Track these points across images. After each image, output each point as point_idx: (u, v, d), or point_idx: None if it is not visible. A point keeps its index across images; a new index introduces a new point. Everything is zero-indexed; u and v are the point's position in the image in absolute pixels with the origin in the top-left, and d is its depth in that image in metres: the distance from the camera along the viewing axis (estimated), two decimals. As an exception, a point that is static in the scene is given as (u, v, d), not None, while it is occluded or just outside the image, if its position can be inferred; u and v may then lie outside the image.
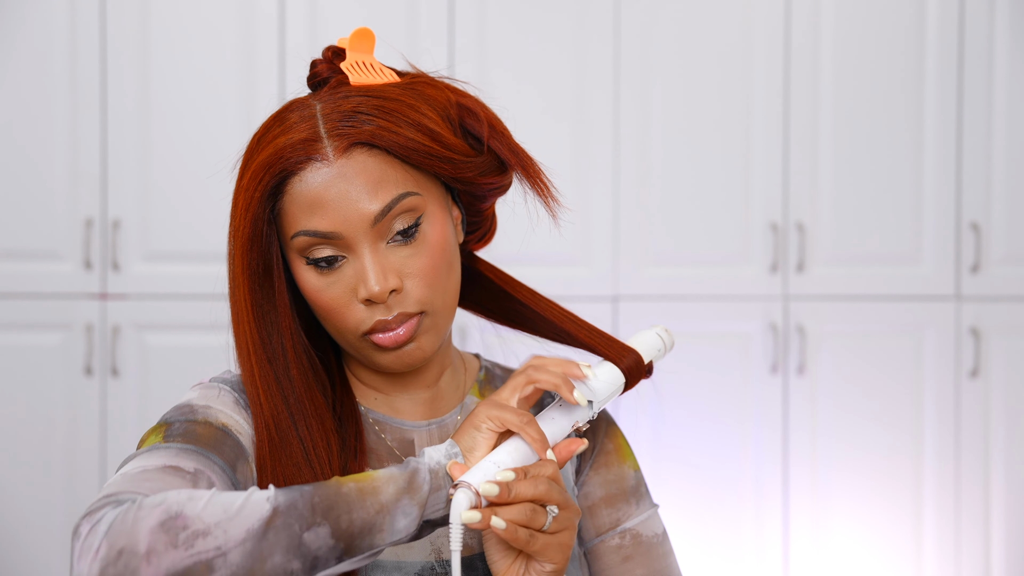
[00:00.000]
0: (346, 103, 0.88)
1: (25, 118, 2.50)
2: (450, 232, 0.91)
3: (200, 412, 0.89)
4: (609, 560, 0.99)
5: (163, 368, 2.51)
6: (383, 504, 0.78)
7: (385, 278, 0.87)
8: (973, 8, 2.61)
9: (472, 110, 0.92)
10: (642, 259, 2.58)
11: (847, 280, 2.61)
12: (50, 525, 2.49)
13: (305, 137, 0.87)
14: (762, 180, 2.60)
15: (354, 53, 0.94)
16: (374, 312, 0.88)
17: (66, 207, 2.50)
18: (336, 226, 0.87)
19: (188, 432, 0.86)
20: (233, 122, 2.52)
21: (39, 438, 2.49)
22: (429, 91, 0.91)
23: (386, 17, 2.54)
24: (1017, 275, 2.64)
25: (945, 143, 2.62)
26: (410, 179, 0.88)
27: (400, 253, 0.88)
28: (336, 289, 0.89)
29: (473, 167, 0.91)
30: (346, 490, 0.78)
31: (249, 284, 0.94)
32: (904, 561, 2.61)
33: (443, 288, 0.90)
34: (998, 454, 2.63)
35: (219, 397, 0.92)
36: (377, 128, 0.86)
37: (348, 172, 0.86)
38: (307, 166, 0.87)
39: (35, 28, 2.49)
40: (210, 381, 0.95)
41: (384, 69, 0.93)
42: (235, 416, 0.91)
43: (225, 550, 0.73)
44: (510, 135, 0.96)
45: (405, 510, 0.79)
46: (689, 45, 2.60)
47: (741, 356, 2.59)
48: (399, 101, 0.88)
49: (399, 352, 0.90)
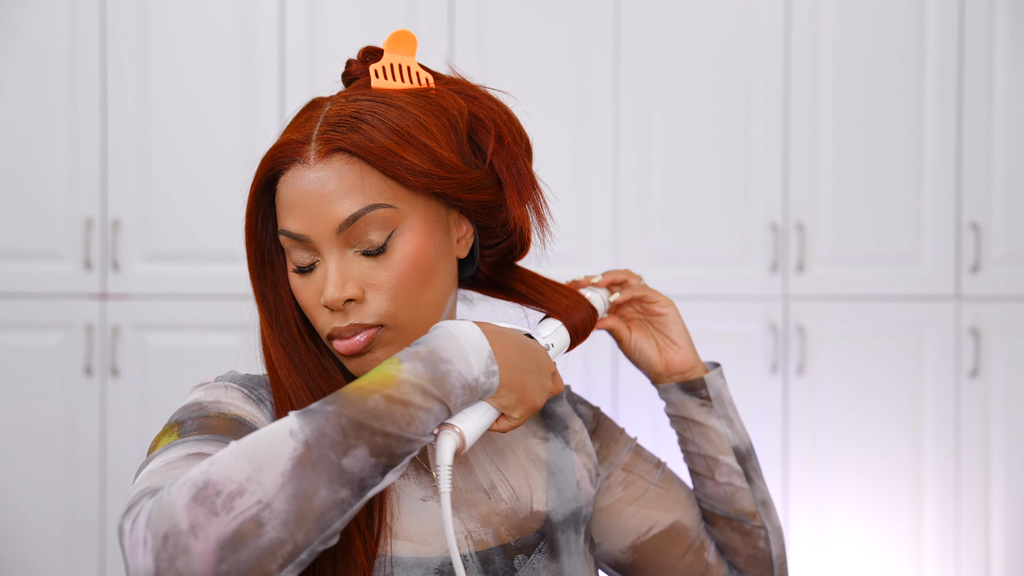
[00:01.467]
0: (349, 107, 0.89)
1: (25, 118, 2.50)
2: (431, 248, 0.90)
3: (211, 407, 0.88)
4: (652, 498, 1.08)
5: (163, 368, 2.51)
6: (412, 415, 0.76)
7: (343, 287, 0.87)
8: (973, 8, 2.61)
9: (483, 122, 0.92)
10: (642, 259, 2.58)
11: (847, 280, 2.61)
12: (50, 525, 2.49)
13: (297, 138, 0.88)
14: (762, 180, 2.60)
15: (391, 55, 0.93)
16: (333, 318, 0.89)
17: (66, 207, 2.50)
18: (305, 229, 0.88)
19: (203, 426, 0.85)
20: (233, 122, 2.52)
21: (39, 438, 2.50)
22: (442, 101, 0.91)
23: (386, 17, 2.54)
24: (1017, 275, 2.64)
25: (945, 143, 2.62)
26: (387, 191, 0.88)
27: (366, 264, 0.88)
28: (309, 290, 0.90)
29: (458, 183, 0.90)
30: (372, 404, 0.75)
31: (252, 273, 0.95)
32: (904, 561, 2.61)
33: (411, 303, 0.89)
34: (998, 454, 2.63)
35: (227, 393, 0.91)
36: (362, 137, 0.87)
37: (322, 177, 0.87)
38: (291, 167, 0.88)
39: (35, 28, 2.49)
40: (215, 380, 0.94)
41: (420, 73, 0.93)
42: (247, 407, 0.90)
43: (267, 501, 0.70)
44: (520, 153, 0.95)
45: (437, 415, 0.78)
46: (689, 45, 2.60)
47: (741, 356, 2.59)
48: (402, 110, 0.88)
49: (359, 360, 0.90)
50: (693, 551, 1.06)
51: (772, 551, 1.06)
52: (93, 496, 2.50)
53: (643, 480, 1.08)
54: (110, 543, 2.50)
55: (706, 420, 1.06)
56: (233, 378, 0.94)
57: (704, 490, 1.07)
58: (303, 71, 2.53)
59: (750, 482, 1.06)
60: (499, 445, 1.00)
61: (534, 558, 0.95)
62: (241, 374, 0.96)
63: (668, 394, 1.08)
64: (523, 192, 0.94)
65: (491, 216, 0.95)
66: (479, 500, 0.95)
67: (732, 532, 1.06)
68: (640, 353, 1.08)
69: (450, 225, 0.93)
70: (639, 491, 1.07)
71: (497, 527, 0.94)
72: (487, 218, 0.95)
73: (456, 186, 0.90)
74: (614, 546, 1.07)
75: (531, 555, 0.95)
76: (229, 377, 0.94)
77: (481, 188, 0.92)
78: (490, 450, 0.99)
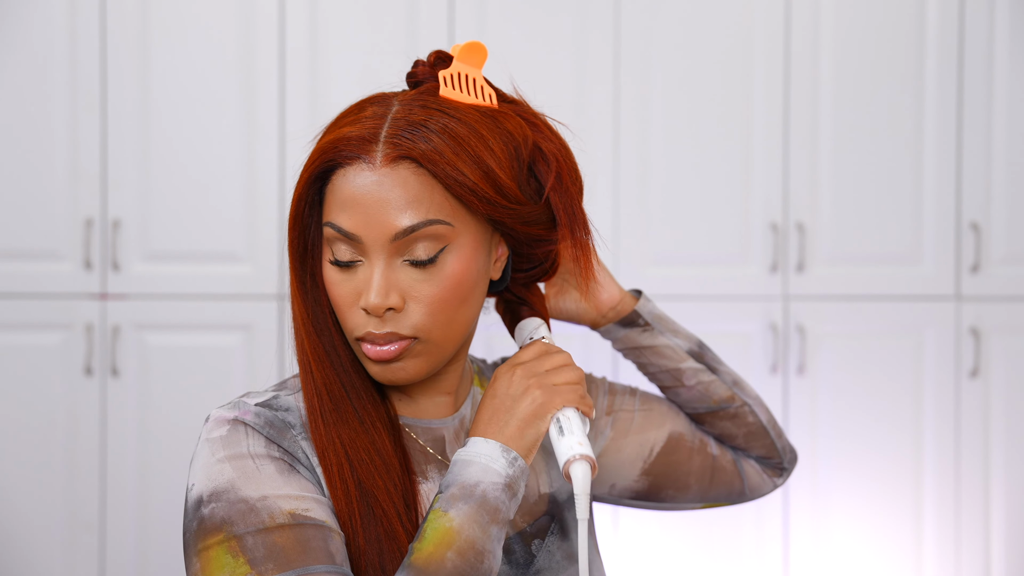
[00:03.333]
0: (419, 113, 0.88)
1: (25, 118, 2.50)
2: (475, 269, 0.90)
3: (262, 510, 0.83)
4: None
5: (163, 368, 2.51)
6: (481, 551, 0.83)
7: (387, 294, 0.87)
8: (973, 8, 2.61)
9: (546, 155, 0.93)
10: (642, 259, 2.58)
11: (847, 280, 2.61)
12: (50, 525, 2.49)
13: (363, 135, 0.87)
14: (762, 180, 2.60)
15: (460, 64, 0.92)
16: (368, 322, 0.88)
17: (66, 207, 2.50)
18: (359, 229, 0.87)
19: (271, 550, 0.82)
20: (233, 122, 2.52)
21: (39, 438, 2.49)
22: (509, 124, 0.91)
23: (386, 17, 2.54)
24: (1017, 275, 2.64)
25: (945, 143, 2.62)
26: (447, 207, 0.87)
27: (412, 275, 0.88)
28: (346, 287, 0.89)
29: (516, 215, 0.90)
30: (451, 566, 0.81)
31: (293, 261, 0.94)
32: (904, 561, 2.61)
33: (447, 320, 0.89)
34: (998, 454, 2.63)
35: (260, 472, 0.86)
36: (431, 149, 0.86)
37: (387, 182, 0.86)
38: (354, 163, 0.87)
39: (35, 28, 2.49)
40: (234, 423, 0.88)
41: (485, 88, 0.93)
42: (291, 491, 0.85)
43: None
44: (576, 194, 0.96)
45: (498, 536, 0.84)
46: (689, 45, 2.60)
47: (741, 356, 2.59)
48: (470, 127, 0.88)
49: (385, 367, 0.90)
50: (697, 451, 1.11)
51: (761, 419, 1.12)
52: (93, 496, 2.50)
53: (625, 412, 1.11)
54: (110, 543, 2.50)
55: (654, 341, 1.09)
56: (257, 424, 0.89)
57: (680, 398, 1.11)
58: (303, 71, 2.53)
59: (715, 372, 1.11)
60: None
61: (548, 541, 0.97)
62: (254, 407, 0.91)
63: (611, 333, 1.11)
64: (576, 234, 0.95)
65: (534, 247, 0.96)
66: None
67: (721, 421, 1.11)
68: (566, 311, 1.09)
69: (492, 248, 0.94)
70: (627, 423, 1.10)
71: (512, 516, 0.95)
72: (528, 248, 0.96)
73: (515, 216, 0.90)
74: (628, 479, 1.10)
75: (545, 538, 0.97)
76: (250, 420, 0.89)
77: (536, 223, 0.93)
78: None
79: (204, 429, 0.89)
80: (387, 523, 0.87)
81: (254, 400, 0.91)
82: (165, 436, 2.51)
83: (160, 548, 2.50)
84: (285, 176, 2.52)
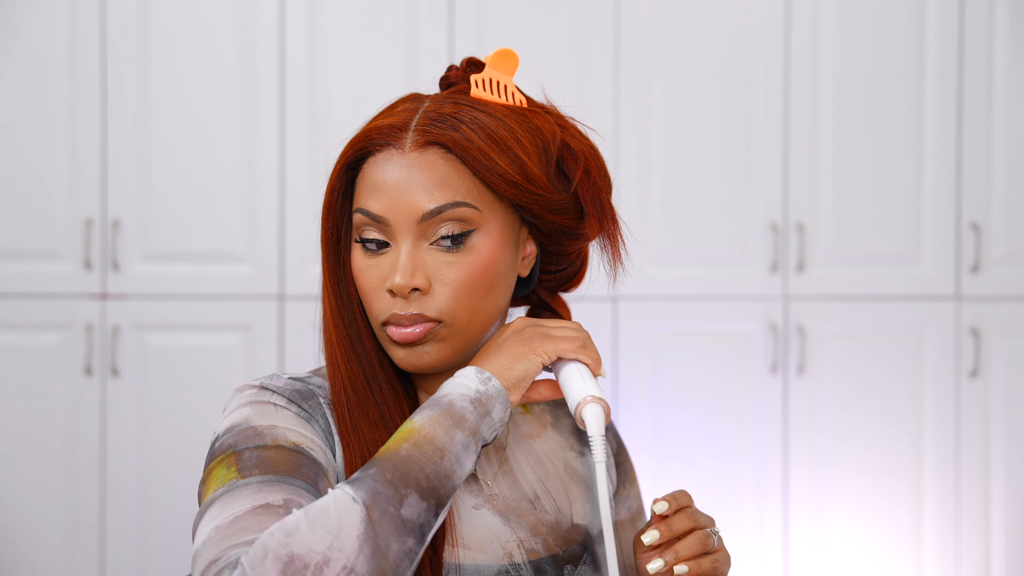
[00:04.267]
0: (450, 107, 0.90)
1: (25, 118, 2.50)
2: (501, 258, 0.91)
3: (267, 434, 0.87)
4: None
5: (163, 368, 2.51)
6: (441, 448, 0.80)
7: (412, 275, 0.88)
8: (973, 8, 2.61)
9: (574, 152, 0.94)
10: (642, 259, 2.58)
11: (847, 280, 2.61)
12: (50, 525, 2.49)
13: (395, 124, 0.89)
14: (762, 180, 2.60)
15: (492, 70, 0.95)
16: (394, 304, 0.89)
17: (66, 207, 2.50)
18: (386, 212, 0.88)
19: (263, 460, 0.84)
20: (233, 122, 2.52)
21: (39, 438, 2.49)
22: (538, 121, 0.93)
23: (386, 17, 2.54)
24: (1017, 275, 2.64)
25: (945, 143, 2.62)
26: (475, 192, 0.89)
27: (439, 258, 0.89)
28: (374, 273, 0.90)
29: (544, 201, 0.91)
30: (404, 452, 0.79)
31: (326, 250, 0.95)
32: (904, 561, 2.61)
33: (472, 306, 0.90)
34: (998, 454, 2.63)
35: (277, 413, 0.89)
36: (460, 136, 0.88)
37: (416, 165, 0.88)
38: (384, 150, 0.89)
39: (35, 28, 2.49)
40: (261, 388, 0.92)
41: (516, 94, 0.95)
42: (302, 431, 0.88)
43: (351, 565, 0.73)
44: (604, 189, 0.97)
45: (464, 443, 0.82)
46: (689, 45, 2.60)
47: (741, 356, 2.59)
48: (500, 121, 0.90)
49: (409, 350, 0.90)
50: None
51: None
52: (93, 496, 2.50)
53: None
54: (110, 543, 2.50)
55: None
56: (283, 388, 0.92)
57: None
58: (303, 71, 2.53)
59: None
60: (540, 456, 1.01)
61: (580, 569, 0.97)
62: (285, 378, 0.94)
63: None
64: (604, 224, 0.96)
65: (561, 243, 0.97)
66: (526, 510, 0.96)
67: None
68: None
69: (520, 242, 0.95)
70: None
71: (545, 537, 0.96)
72: (557, 244, 0.97)
73: (542, 203, 0.91)
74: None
75: (578, 566, 0.97)
76: (277, 386, 0.92)
77: (563, 211, 0.93)
78: (532, 461, 1.00)
79: (231, 393, 0.93)
80: None
81: (285, 376, 0.95)
82: (165, 436, 2.51)
83: (160, 548, 2.50)
84: (285, 176, 2.52)
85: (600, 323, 2.56)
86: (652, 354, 2.58)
